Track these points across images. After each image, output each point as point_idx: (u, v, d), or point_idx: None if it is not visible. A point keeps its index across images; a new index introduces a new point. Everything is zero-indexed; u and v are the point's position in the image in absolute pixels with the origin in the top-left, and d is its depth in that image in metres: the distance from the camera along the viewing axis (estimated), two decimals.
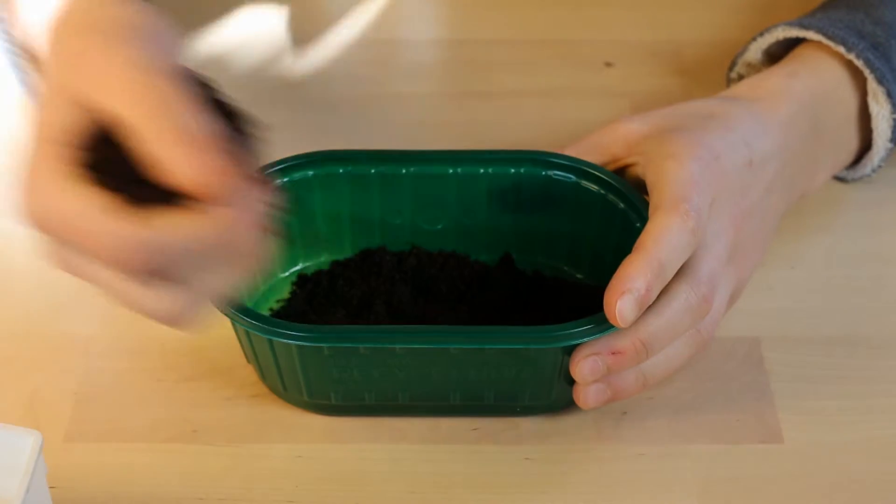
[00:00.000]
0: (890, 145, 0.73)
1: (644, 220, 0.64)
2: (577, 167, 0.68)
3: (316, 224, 0.69)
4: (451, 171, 0.68)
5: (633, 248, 0.60)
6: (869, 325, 0.70)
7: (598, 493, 0.62)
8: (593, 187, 0.67)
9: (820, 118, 0.71)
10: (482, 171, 0.68)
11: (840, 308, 0.71)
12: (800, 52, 0.74)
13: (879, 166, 0.75)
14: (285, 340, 0.60)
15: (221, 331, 0.65)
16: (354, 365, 0.61)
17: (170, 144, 0.49)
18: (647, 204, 0.65)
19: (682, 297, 0.61)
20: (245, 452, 0.63)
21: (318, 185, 0.68)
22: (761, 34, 0.75)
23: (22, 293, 0.71)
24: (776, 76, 0.72)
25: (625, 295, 0.59)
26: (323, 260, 0.70)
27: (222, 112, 0.52)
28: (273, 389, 0.65)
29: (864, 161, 0.75)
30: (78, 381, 0.66)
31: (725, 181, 0.65)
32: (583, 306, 0.64)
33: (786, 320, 0.70)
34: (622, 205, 0.67)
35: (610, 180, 0.67)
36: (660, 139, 0.66)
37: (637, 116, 0.69)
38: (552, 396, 0.64)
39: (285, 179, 0.67)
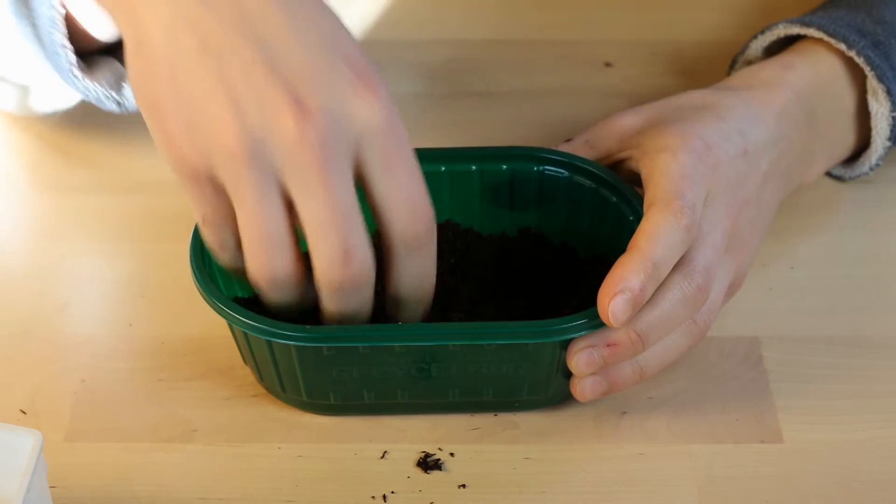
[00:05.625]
0: (889, 143, 0.73)
1: (637, 213, 0.64)
2: (570, 162, 0.68)
3: None
4: (443, 168, 0.68)
5: (627, 248, 0.60)
6: (869, 325, 0.70)
7: (598, 493, 0.62)
8: (586, 182, 0.68)
9: (815, 109, 0.72)
10: (474, 167, 0.68)
11: (840, 308, 0.71)
12: (798, 46, 0.74)
13: (878, 165, 0.75)
14: (284, 341, 0.60)
15: (221, 331, 0.65)
16: (354, 364, 0.61)
17: None
18: (640, 198, 0.65)
19: (678, 289, 0.61)
20: (245, 452, 0.63)
21: None
22: (762, 32, 0.76)
23: (22, 293, 0.71)
24: (772, 67, 0.72)
25: (618, 296, 0.59)
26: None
27: None
28: (271, 391, 0.65)
29: (862, 159, 0.75)
30: (78, 381, 0.66)
31: (720, 172, 0.65)
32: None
33: (785, 320, 0.70)
34: (615, 199, 0.67)
35: (602, 175, 0.67)
36: (652, 132, 0.66)
37: (630, 110, 0.70)
38: (550, 391, 0.64)
39: None
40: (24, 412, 0.65)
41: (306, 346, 0.60)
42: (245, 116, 0.55)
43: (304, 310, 0.60)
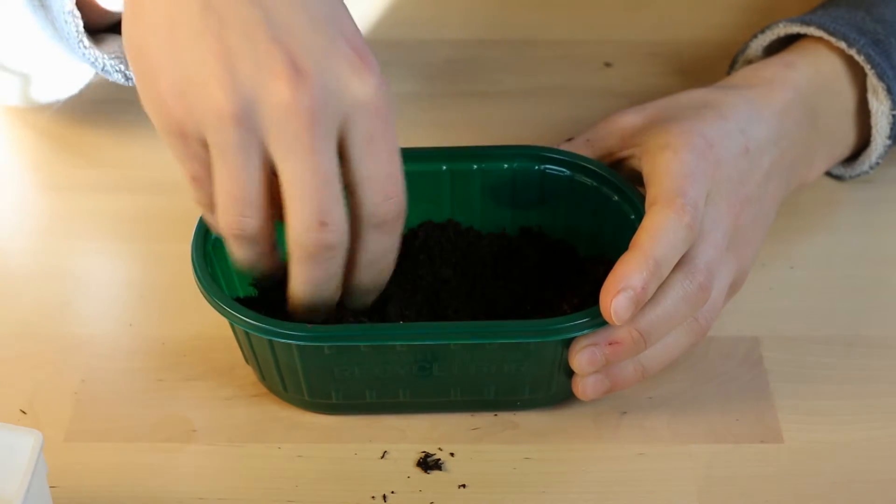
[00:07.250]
0: (889, 142, 0.73)
1: (639, 212, 0.64)
2: (571, 161, 0.68)
3: None
4: (444, 167, 0.68)
5: (629, 246, 0.60)
6: (869, 325, 0.70)
7: (598, 493, 0.62)
8: (587, 181, 0.68)
9: (816, 108, 0.72)
10: (476, 167, 0.68)
11: (840, 308, 0.71)
12: (799, 45, 0.74)
13: (878, 163, 0.75)
14: (286, 341, 0.60)
15: (221, 330, 0.65)
16: (355, 363, 0.61)
17: None
18: (641, 196, 0.65)
19: (679, 287, 0.61)
20: (245, 452, 0.63)
21: None
22: (762, 31, 0.76)
23: (22, 293, 0.71)
24: (773, 66, 0.72)
25: (620, 294, 0.59)
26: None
27: None
28: (273, 390, 0.65)
29: (862, 158, 0.75)
30: (78, 381, 0.66)
31: (721, 170, 0.65)
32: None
33: (785, 320, 0.70)
34: (616, 198, 0.67)
35: (603, 173, 0.67)
36: (654, 130, 0.66)
37: (631, 109, 0.70)
38: (552, 389, 0.64)
39: None
40: (24, 412, 0.65)
41: (308, 345, 0.60)
42: (239, 77, 0.55)
43: (271, 282, 0.61)
